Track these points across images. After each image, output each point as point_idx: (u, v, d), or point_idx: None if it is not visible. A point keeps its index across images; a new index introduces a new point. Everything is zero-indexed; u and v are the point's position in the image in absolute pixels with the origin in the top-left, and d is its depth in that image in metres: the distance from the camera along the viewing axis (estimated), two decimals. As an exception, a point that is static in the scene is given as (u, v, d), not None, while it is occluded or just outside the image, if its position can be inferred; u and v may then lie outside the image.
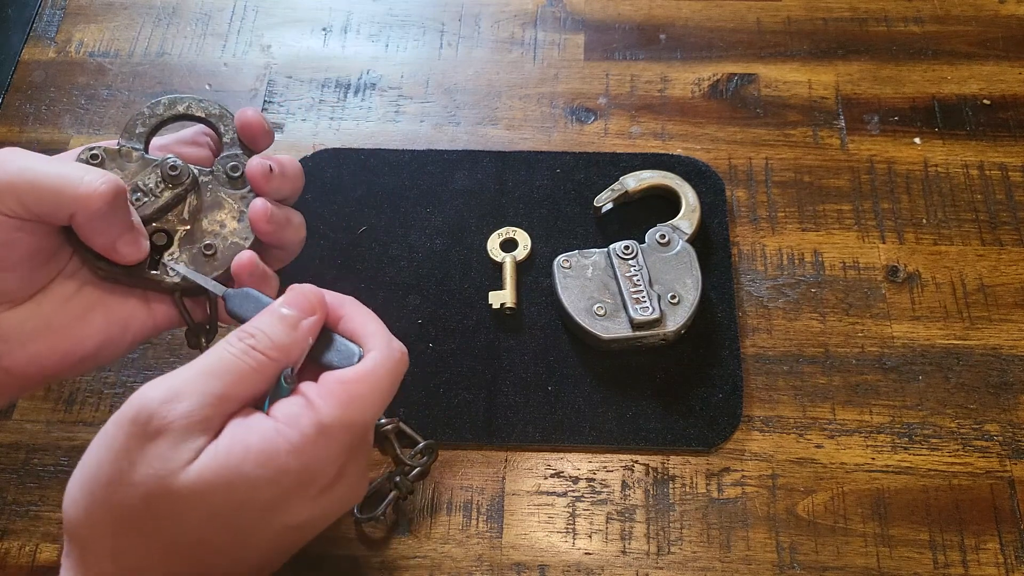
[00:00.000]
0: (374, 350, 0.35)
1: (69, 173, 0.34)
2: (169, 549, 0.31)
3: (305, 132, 0.57)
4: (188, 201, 0.38)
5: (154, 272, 0.38)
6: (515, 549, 0.44)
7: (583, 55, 0.60)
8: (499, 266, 0.51)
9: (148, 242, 0.37)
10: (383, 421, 0.45)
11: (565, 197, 0.53)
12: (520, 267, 0.51)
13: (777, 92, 0.57)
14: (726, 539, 0.44)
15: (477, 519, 0.45)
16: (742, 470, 0.45)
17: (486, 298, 0.49)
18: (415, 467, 0.44)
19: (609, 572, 0.43)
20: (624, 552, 0.44)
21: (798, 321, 0.49)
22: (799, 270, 0.51)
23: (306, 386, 0.34)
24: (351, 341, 0.36)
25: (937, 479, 0.45)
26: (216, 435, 0.31)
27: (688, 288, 0.48)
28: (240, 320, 0.36)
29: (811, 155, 0.55)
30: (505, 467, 0.46)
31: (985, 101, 0.56)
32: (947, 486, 0.45)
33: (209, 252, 0.38)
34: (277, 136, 0.57)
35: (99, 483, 0.30)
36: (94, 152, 0.37)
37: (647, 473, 0.46)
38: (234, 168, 0.39)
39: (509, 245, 0.52)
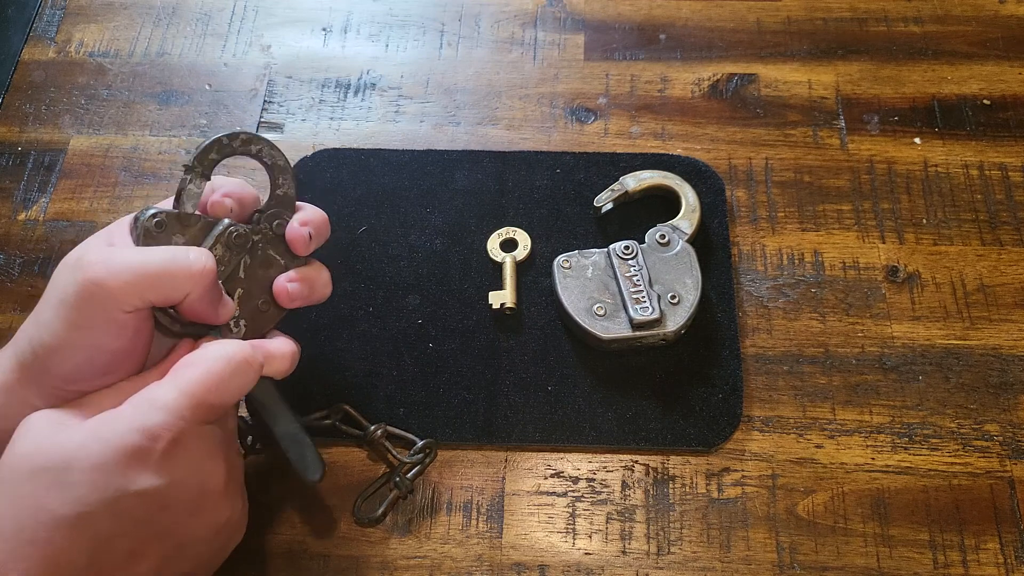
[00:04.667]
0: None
1: (176, 257, 0.35)
2: None
3: (305, 132, 0.57)
4: (243, 262, 0.40)
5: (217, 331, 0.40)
6: (515, 549, 0.44)
7: (583, 55, 0.60)
8: (499, 266, 0.51)
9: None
10: (373, 428, 0.45)
11: (565, 197, 0.53)
12: (520, 267, 0.51)
13: (777, 92, 0.57)
14: (726, 539, 0.44)
15: (477, 519, 0.45)
16: (742, 470, 0.45)
17: (486, 298, 0.49)
18: (414, 466, 0.44)
19: (609, 572, 0.43)
20: (624, 552, 0.44)
21: (798, 321, 0.49)
22: (799, 270, 0.51)
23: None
24: None
25: (937, 479, 0.45)
26: None
27: (688, 288, 0.48)
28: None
29: (811, 155, 0.55)
30: (505, 467, 0.46)
31: (985, 101, 0.56)
32: (947, 486, 0.45)
33: (264, 309, 0.41)
34: (277, 136, 0.57)
35: None
36: (158, 220, 0.37)
37: (647, 473, 0.46)
38: (279, 226, 0.41)
39: (509, 245, 0.52)
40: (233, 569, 0.44)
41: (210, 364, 0.35)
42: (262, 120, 0.57)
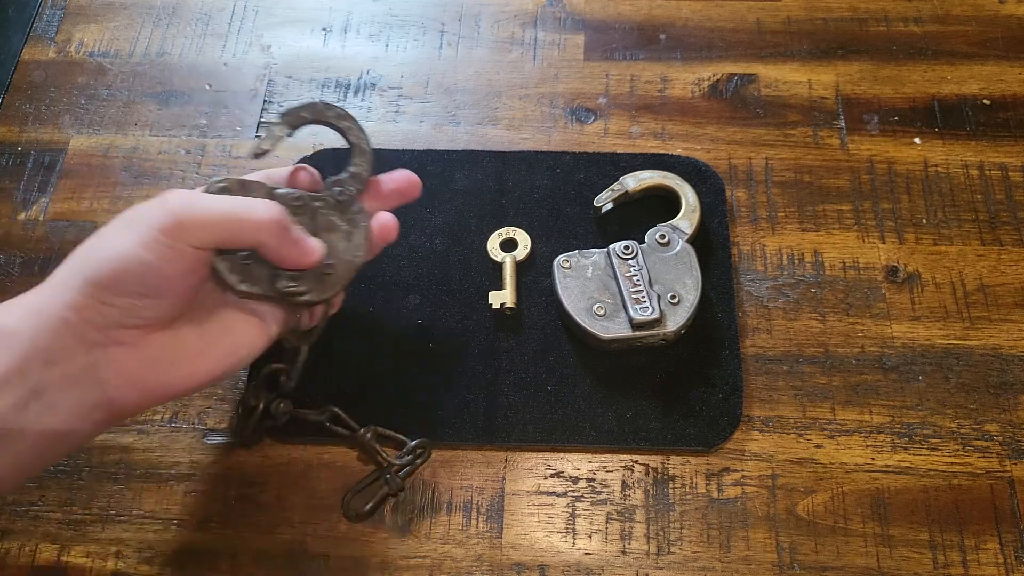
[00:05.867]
0: None
1: (247, 204, 0.38)
2: None
3: (305, 132, 0.57)
4: (305, 226, 0.41)
5: (289, 288, 0.40)
6: (515, 549, 0.44)
7: (583, 55, 0.60)
8: (499, 266, 0.51)
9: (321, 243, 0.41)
10: (362, 431, 0.45)
11: (565, 197, 0.53)
12: (520, 267, 0.51)
13: (777, 92, 0.57)
14: (726, 539, 0.44)
15: (477, 519, 0.45)
16: (742, 470, 0.45)
17: (486, 298, 0.49)
18: (404, 465, 0.44)
19: (609, 572, 0.43)
20: (624, 552, 0.44)
21: (798, 321, 0.49)
22: (799, 270, 0.51)
23: None
24: None
25: (937, 479, 0.45)
26: None
27: (688, 288, 0.48)
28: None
29: (811, 155, 0.55)
30: (505, 467, 0.46)
31: (985, 101, 0.56)
32: (947, 486, 0.45)
33: (328, 272, 0.41)
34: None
35: None
36: (223, 185, 0.39)
37: (647, 473, 0.46)
38: (341, 194, 0.42)
39: (509, 245, 0.52)
40: (234, 569, 0.44)
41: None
42: (262, 120, 0.57)
